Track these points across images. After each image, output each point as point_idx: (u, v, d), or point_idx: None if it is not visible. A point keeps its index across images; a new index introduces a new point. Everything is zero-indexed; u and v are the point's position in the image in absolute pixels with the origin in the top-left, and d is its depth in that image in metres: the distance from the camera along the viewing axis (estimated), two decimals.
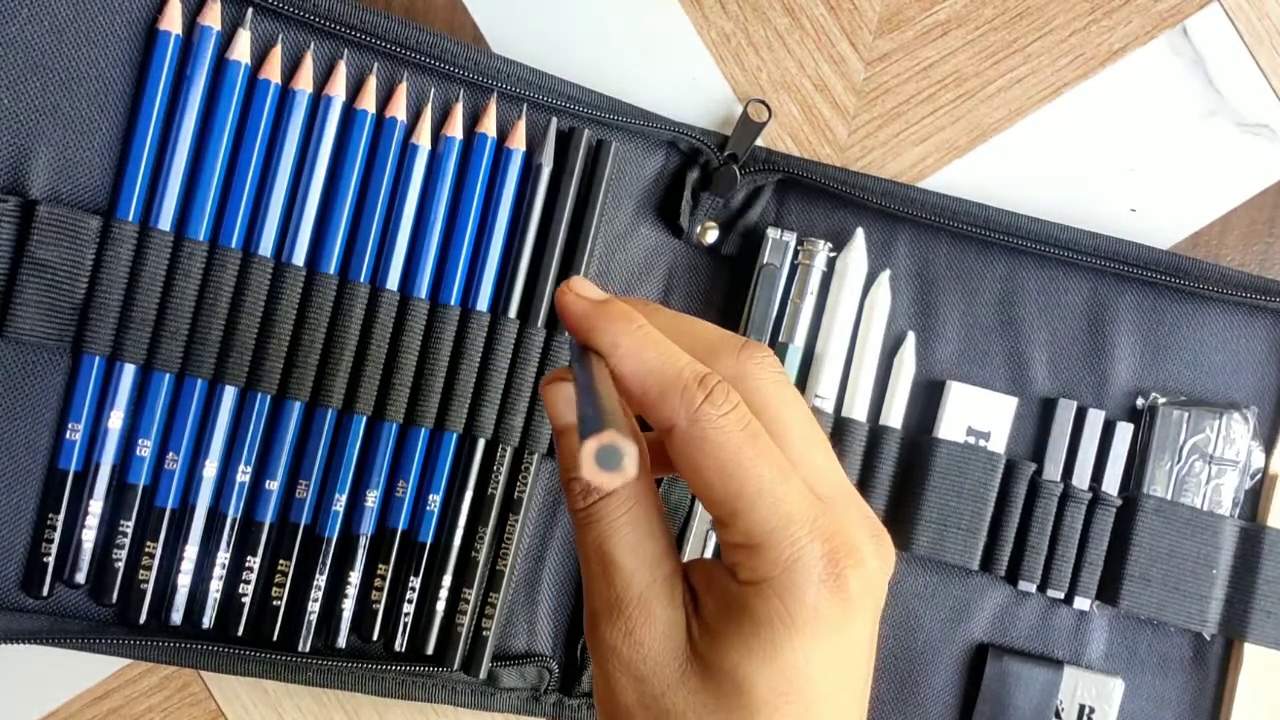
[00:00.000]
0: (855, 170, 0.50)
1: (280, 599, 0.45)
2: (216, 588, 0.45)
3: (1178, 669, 0.50)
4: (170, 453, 0.44)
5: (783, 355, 0.48)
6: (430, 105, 0.46)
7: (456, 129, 0.46)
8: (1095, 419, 0.49)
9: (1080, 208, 0.51)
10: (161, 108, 0.43)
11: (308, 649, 0.45)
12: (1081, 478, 0.49)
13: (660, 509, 0.30)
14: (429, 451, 0.46)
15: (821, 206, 0.49)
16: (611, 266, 0.48)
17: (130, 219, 0.43)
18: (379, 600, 0.46)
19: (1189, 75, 0.52)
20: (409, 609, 0.46)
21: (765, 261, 0.48)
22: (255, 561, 0.45)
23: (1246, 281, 0.48)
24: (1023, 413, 0.49)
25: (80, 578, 0.44)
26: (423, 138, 0.45)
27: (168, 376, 0.44)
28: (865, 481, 0.48)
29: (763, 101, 0.49)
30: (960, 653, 0.49)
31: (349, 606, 0.46)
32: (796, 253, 0.48)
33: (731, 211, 0.49)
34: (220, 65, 0.44)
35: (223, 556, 0.44)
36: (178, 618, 0.44)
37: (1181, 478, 0.49)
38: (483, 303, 0.46)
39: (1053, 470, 0.49)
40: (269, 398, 0.45)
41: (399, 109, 0.45)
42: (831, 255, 0.49)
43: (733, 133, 0.48)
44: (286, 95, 0.44)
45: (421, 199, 0.46)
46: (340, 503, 0.45)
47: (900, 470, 0.49)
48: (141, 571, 0.44)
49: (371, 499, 0.46)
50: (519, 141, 0.46)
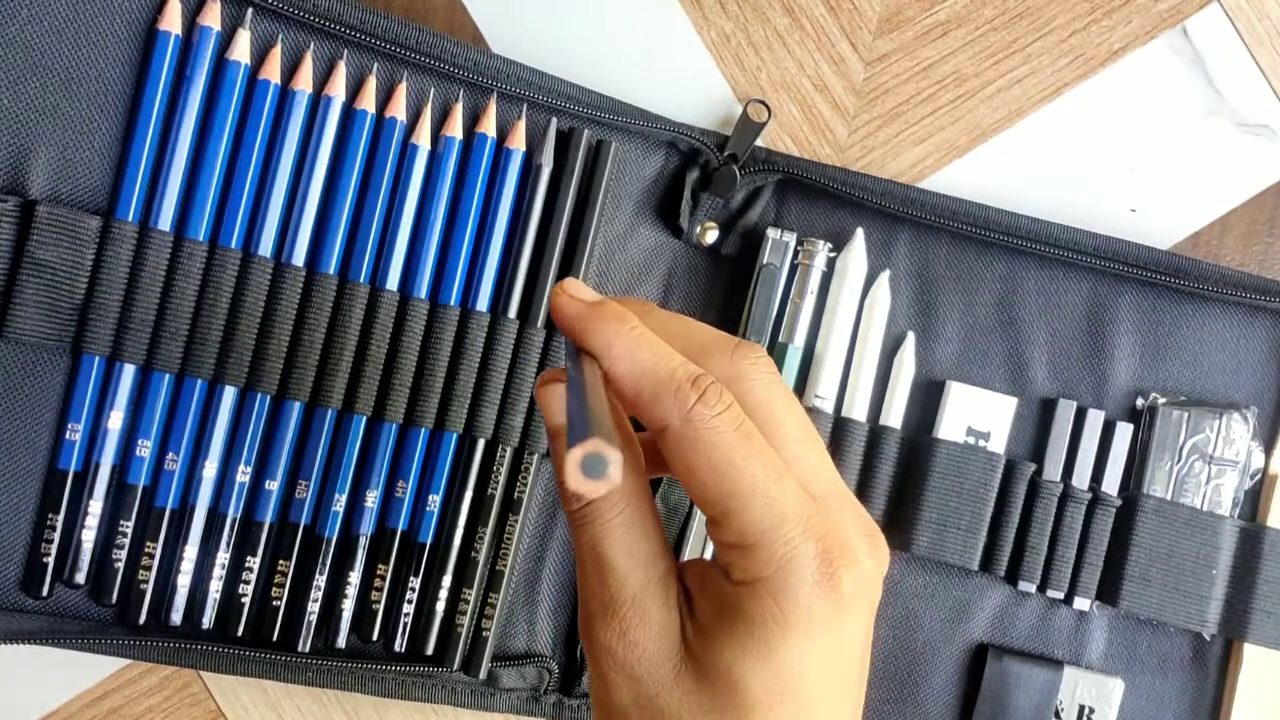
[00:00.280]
0: (855, 170, 0.50)
1: (280, 599, 0.45)
2: (216, 588, 0.45)
3: (1178, 669, 0.50)
4: (170, 453, 0.44)
5: (783, 355, 0.48)
6: (430, 105, 0.46)
7: (456, 129, 0.46)
8: (1095, 419, 0.49)
9: (1080, 208, 0.51)
10: (161, 108, 0.43)
11: (307, 649, 0.45)
12: (1081, 478, 0.49)
13: (654, 510, 0.30)
14: (429, 452, 0.46)
15: (821, 206, 0.49)
16: (611, 267, 0.48)
17: (130, 219, 0.43)
18: (379, 600, 0.46)
19: (1189, 75, 0.52)
20: (409, 609, 0.46)
21: (765, 261, 0.48)
22: (255, 562, 0.45)
23: (1246, 281, 0.48)
24: (1023, 413, 0.49)
25: (80, 578, 0.44)
26: (422, 138, 0.45)
27: (167, 377, 0.44)
28: (865, 482, 0.48)
29: (762, 101, 0.49)
30: (960, 653, 0.49)
31: (349, 607, 0.46)
32: (796, 253, 0.48)
33: (731, 212, 0.49)
34: (220, 65, 0.44)
35: (222, 557, 0.44)
36: (177, 618, 0.44)
37: (1181, 478, 0.49)
38: (482, 303, 0.46)
39: (1052, 470, 0.49)
40: (269, 398, 0.45)
41: (399, 109, 0.45)
42: (831, 255, 0.49)
43: (733, 133, 0.48)
44: (286, 95, 0.44)
45: (421, 199, 0.46)
46: (340, 503, 0.45)
47: (900, 470, 0.49)
48: (141, 572, 0.44)
49: (371, 499, 0.46)
50: (519, 141, 0.46)
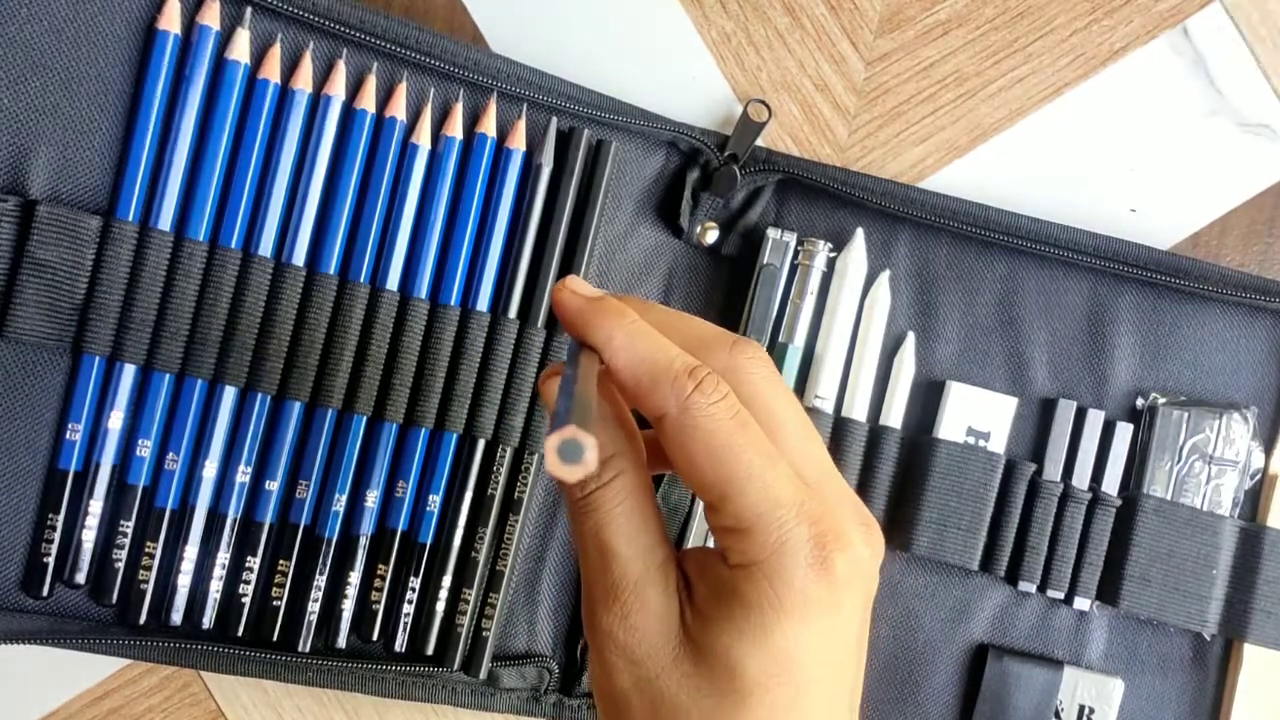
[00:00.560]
0: (855, 170, 0.50)
1: (280, 599, 0.45)
2: (216, 588, 0.45)
3: (1178, 669, 0.50)
4: (170, 453, 0.44)
5: (783, 355, 0.48)
6: (430, 105, 0.46)
7: (456, 129, 0.46)
8: (1095, 419, 0.49)
9: (1080, 208, 0.51)
10: (161, 108, 0.43)
11: (308, 649, 0.45)
12: (1081, 478, 0.49)
13: (654, 501, 0.31)
14: (429, 452, 0.46)
15: (821, 206, 0.49)
16: (612, 267, 0.48)
17: (130, 219, 0.43)
18: (379, 601, 0.46)
19: (1190, 75, 0.52)
20: (409, 609, 0.46)
21: (765, 261, 0.48)
22: (255, 562, 0.45)
23: (1246, 282, 0.48)
24: (1023, 413, 0.49)
25: (80, 578, 0.44)
26: (422, 137, 0.45)
27: (168, 377, 0.44)
28: (865, 481, 0.48)
29: (763, 101, 0.49)
30: (960, 653, 0.49)
31: (349, 607, 0.46)
32: (796, 253, 0.48)
33: (731, 212, 0.49)
34: (219, 65, 0.44)
35: (222, 557, 0.44)
36: (178, 618, 0.44)
37: (1181, 478, 0.49)
38: (483, 303, 0.46)
39: (1053, 470, 0.49)
40: (269, 398, 0.45)
41: (399, 109, 0.45)
42: (831, 255, 0.49)
43: (733, 133, 0.48)
44: (286, 95, 0.44)
45: (421, 199, 0.46)
46: (340, 503, 0.45)
47: (900, 470, 0.49)
48: (141, 572, 0.44)
49: (371, 499, 0.46)
50: (519, 141, 0.46)
